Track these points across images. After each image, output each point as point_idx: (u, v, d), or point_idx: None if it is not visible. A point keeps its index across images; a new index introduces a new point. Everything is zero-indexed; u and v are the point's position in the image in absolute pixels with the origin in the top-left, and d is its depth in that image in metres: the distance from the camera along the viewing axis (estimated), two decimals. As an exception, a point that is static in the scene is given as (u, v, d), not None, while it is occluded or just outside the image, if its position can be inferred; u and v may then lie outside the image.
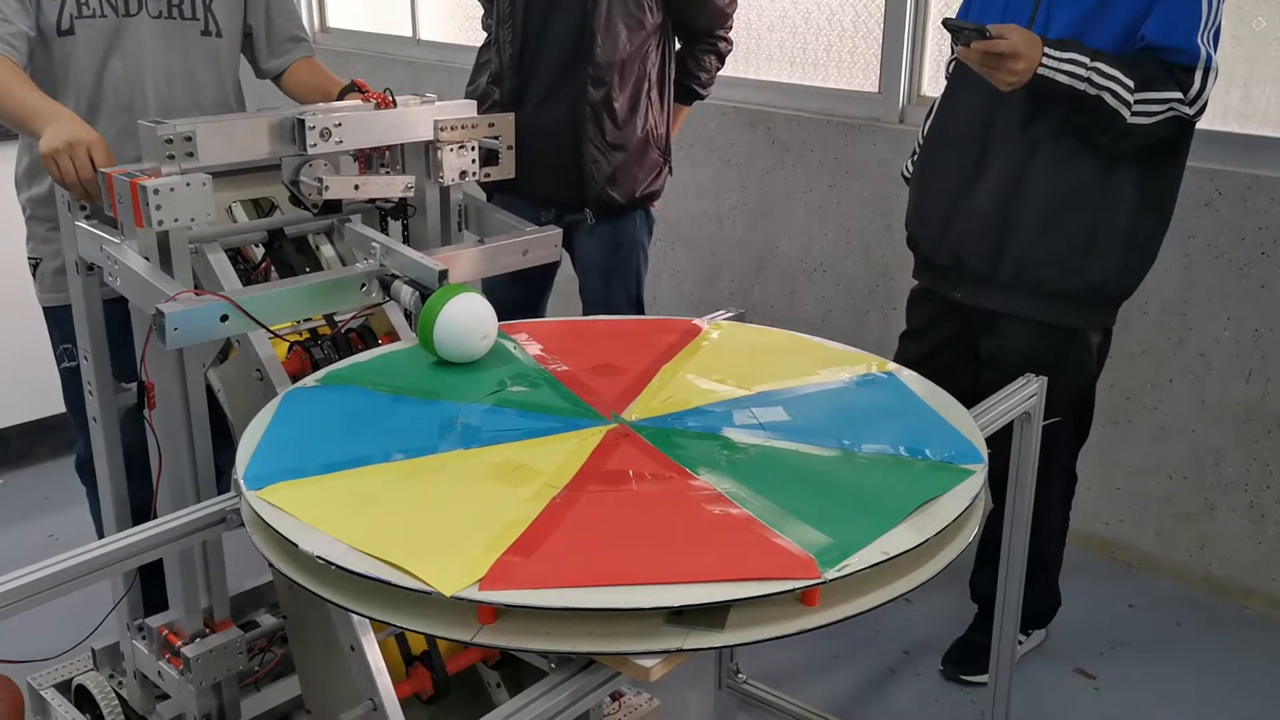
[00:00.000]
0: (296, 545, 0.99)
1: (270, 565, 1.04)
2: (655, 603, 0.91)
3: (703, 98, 2.47)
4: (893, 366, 1.45)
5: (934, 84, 2.82)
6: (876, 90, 2.88)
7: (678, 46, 2.37)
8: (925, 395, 1.37)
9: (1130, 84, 1.71)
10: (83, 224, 1.53)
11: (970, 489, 1.11)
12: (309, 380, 1.38)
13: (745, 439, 1.23)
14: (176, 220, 1.37)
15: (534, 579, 0.93)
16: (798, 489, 1.11)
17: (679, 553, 0.98)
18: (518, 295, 2.32)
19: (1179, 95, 1.72)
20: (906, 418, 1.30)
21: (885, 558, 0.97)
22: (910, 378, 1.42)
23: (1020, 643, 2.21)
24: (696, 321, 1.60)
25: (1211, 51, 1.74)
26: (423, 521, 1.05)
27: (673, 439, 1.22)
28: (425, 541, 1.00)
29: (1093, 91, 1.71)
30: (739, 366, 1.44)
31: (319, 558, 0.97)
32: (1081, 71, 1.70)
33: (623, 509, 1.07)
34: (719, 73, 2.45)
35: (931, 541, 1.02)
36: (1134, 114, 1.72)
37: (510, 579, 0.93)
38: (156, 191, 1.34)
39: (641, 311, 2.44)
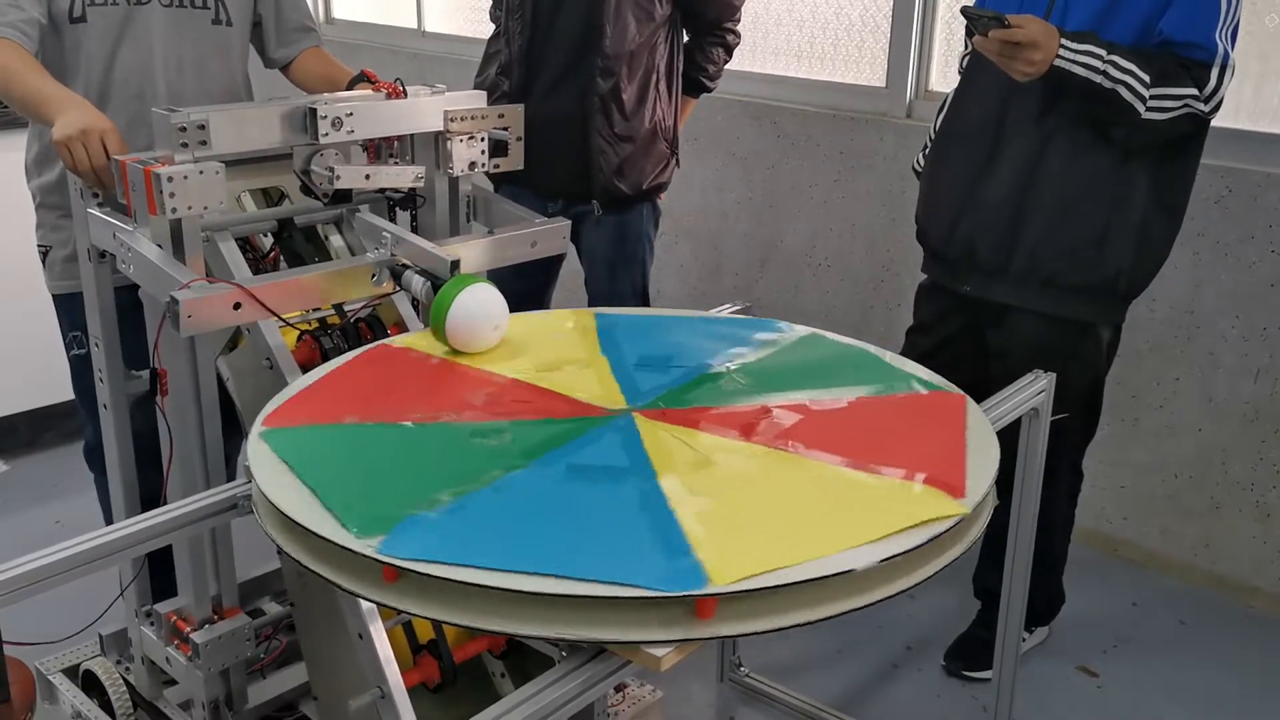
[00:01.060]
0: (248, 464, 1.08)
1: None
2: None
3: (710, 90, 2.47)
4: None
5: (941, 79, 2.82)
6: (883, 85, 2.88)
7: (685, 39, 2.37)
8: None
9: (1146, 78, 1.71)
10: (95, 211, 1.53)
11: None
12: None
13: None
14: (190, 208, 1.37)
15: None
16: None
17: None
18: (522, 287, 2.32)
19: (1195, 91, 1.72)
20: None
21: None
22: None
23: (1023, 639, 2.21)
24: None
25: (1229, 48, 1.74)
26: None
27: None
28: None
29: (1108, 84, 1.71)
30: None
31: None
32: (1098, 64, 1.70)
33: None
34: (726, 65, 2.45)
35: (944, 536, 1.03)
36: (1149, 109, 1.72)
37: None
38: (170, 179, 1.34)
39: (647, 304, 2.45)
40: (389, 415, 1.24)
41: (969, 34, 1.90)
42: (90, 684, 1.85)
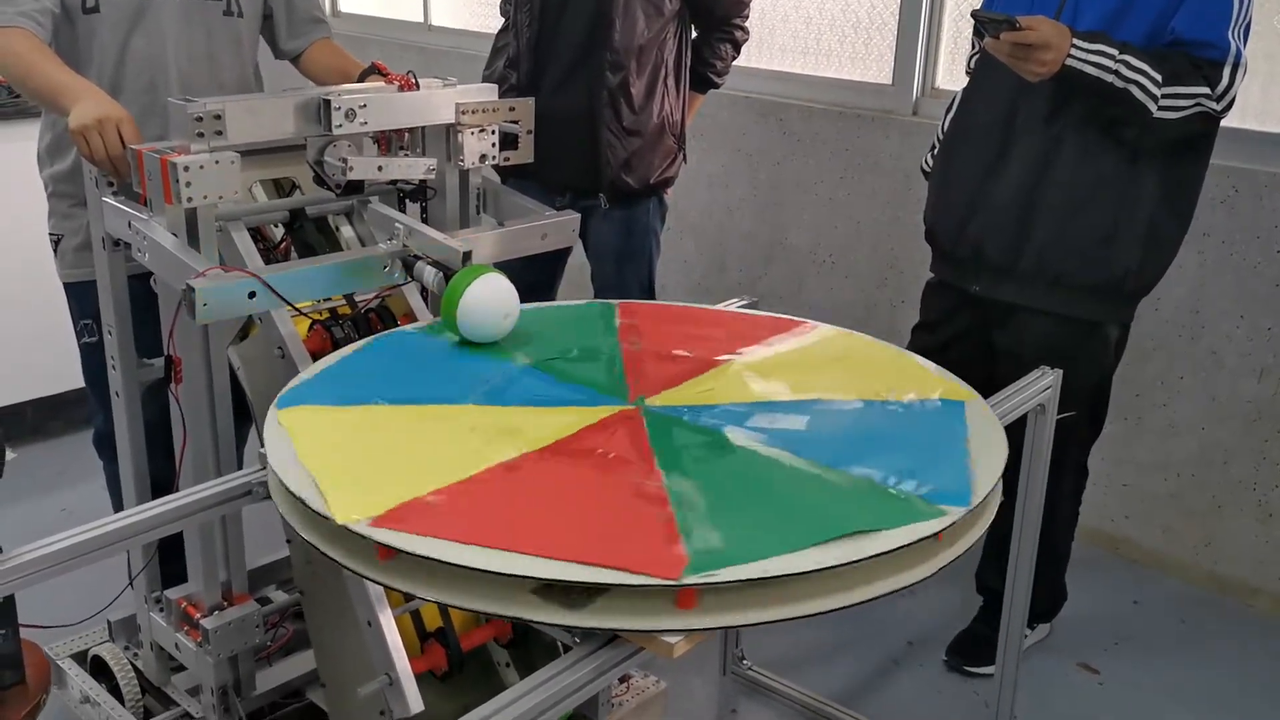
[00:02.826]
0: (263, 451, 1.12)
1: (288, 533, 1.06)
2: (523, 571, 0.93)
3: (718, 86, 2.48)
4: (971, 398, 1.35)
5: (948, 76, 2.82)
6: (890, 82, 2.88)
7: (693, 35, 2.37)
8: (975, 425, 1.27)
9: (1158, 78, 1.71)
10: (110, 200, 1.54)
11: (919, 530, 1.02)
12: (411, 326, 1.50)
13: (739, 440, 1.21)
14: (205, 197, 1.38)
15: (422, 527, 0.98)
16: (741, 494, 1.10)
17: (565, 530, 1.00)
18: (530, 280, 2.31)
19: (1206, 90, 1.73)
20: (924, 448, 1.21)
21: (761, 575, 0.94)
22: (978, 411, 1.31)
23: (1025, 636, 2.22)
24: (810, 323, 1.57)
25: (1241, 47, 1.74)
26: (381, 460, 1.12)
27: (672, 429, 1.23)
28: (359, 475, 1.07)
29: (1120, 84, 1.72)
30: (807, 372, 1.41)
31: (260, 452, 1.12)
32: (1109, 63, 1.71)
33: (558, 482, 1.10)
34: (734, 62, 2.45)
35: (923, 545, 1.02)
36: (1160, 108, 1.73)
37: (399, 523, 0.98)
38: (186, 169, 1.35)
39: (652, 298, 2.45)
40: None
41: (977, 35, 1.91)
42: (99, 669, 1.86)
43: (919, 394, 1.35)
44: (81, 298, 1.87)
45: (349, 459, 1.11)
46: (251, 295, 1.33)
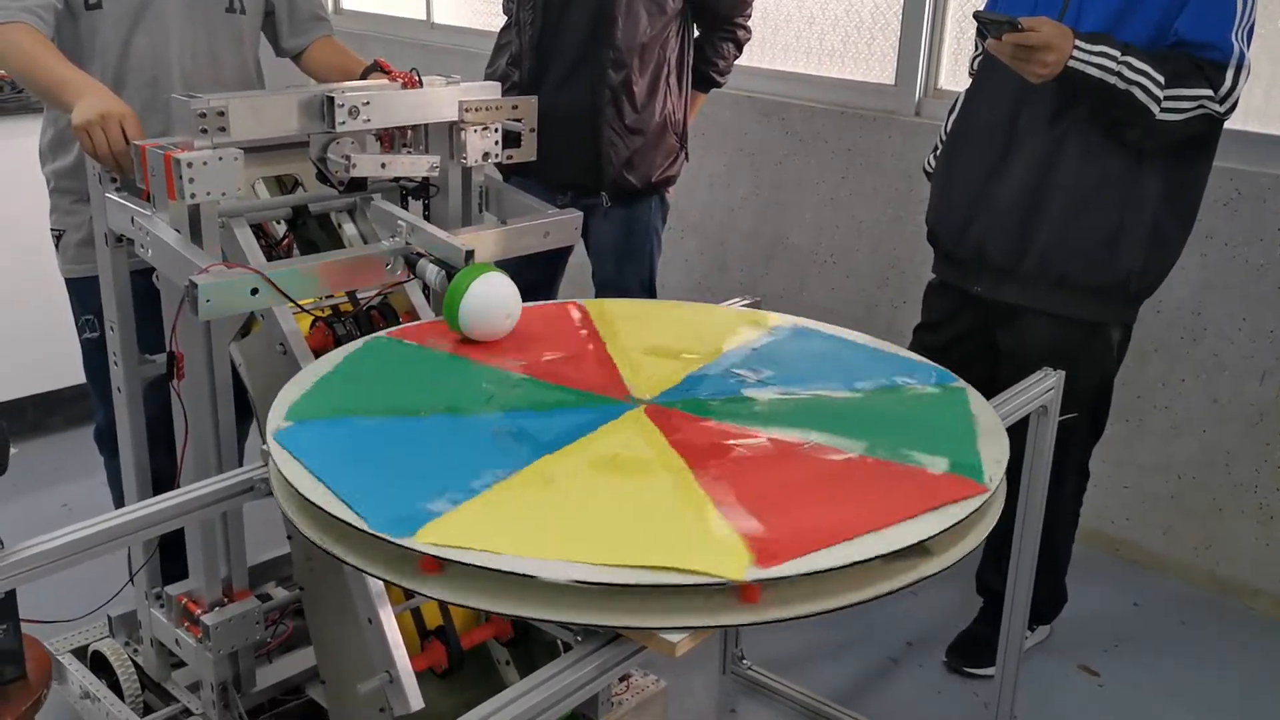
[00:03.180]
0: (536, 578, 0.93)
1: (289, 529, 1.05)
2: (906, 541, 0.99)
3: (720, 85, 2.48)
4: (784, 319, 1.57)
5: (951, 77, 2.82)
6: (893, 82, 2.88)
7: (696, 34, 2.37)
8: (833, 332, 1.53)
9: (1160, 79, 1.71)
10: (113, 196, 1.54)
11: (979, 401, 1.31)
12: (282, 424, 1.19)
13: (767, 395, 1.29)
14: (208, 194, 1.38)
15: (795, 548, 0.97)
16: (868, 426, 1.21)
17: (874, 499, 1.06)
18: (531, 278, 2.31)
19: (1209, 92, 1.73)
20: (856, 355, 1.46)
21: (1001, 467, 1.12)
22: (802, 322, 1.56)
23: (1025, 637, 2.22)
24: (565, 302, 1.63)
25: (1244, 49, 1.74)
26: (615, 525, 1.01)
27: (710, 407, 1.26)
28: (659, 540, 0.98)
29: (1122, 86, 1.71)
30: (672, 338, 1.49)
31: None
32: (1112, 65, 1.71)
33: (772, 473, 1.11)
34: (736, 61, 2.45)
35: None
36: (1163, 110, 1.73)
37: (777, 553, 0.96)
38: (190, 165, 1.35)
39: (653, 297, 2.45)
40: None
41: (980, 36, 1.91)
42: (99, 664, 1.86)
43: (768, 327, 1.55)
44: (83, 293, 1.87)
45: (623, 534, 1.00)
46: (254, 292, 1.32)
